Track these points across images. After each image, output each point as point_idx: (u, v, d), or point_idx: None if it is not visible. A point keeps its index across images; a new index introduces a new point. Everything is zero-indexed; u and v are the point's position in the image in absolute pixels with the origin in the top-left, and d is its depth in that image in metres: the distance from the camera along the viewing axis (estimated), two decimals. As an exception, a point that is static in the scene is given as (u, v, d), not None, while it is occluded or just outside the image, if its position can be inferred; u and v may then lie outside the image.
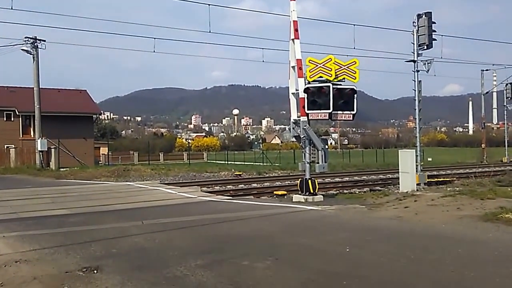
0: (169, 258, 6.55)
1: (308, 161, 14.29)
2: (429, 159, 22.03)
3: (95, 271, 5.88)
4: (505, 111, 43.37)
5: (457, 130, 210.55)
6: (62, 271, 5.91)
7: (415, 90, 17.20)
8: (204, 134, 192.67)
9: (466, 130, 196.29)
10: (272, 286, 5.29)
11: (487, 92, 42.94)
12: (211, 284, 5.35)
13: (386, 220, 9.73)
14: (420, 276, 5.62)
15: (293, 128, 14.82)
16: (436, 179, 20.39)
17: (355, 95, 13.65)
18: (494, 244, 7.27)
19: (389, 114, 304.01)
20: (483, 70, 42.08)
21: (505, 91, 40.72)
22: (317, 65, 13.69)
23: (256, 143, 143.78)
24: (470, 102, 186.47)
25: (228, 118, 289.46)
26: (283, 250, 7.07)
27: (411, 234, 8.23)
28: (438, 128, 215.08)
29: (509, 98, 40.49)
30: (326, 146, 14.37)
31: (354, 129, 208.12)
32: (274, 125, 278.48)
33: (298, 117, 14.53)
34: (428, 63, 17.48)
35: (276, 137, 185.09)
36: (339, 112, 13.55)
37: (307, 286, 5.33)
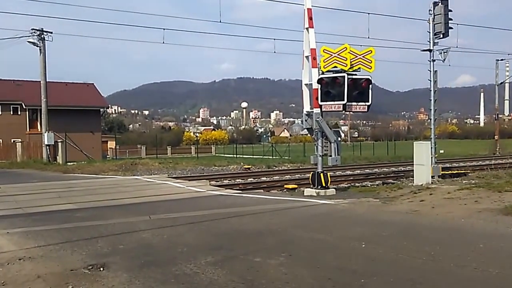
0: (178, 255, 6.35)
1: (321, 154, 13.98)
2: (441, 151, 21.71)
3: (101, 269, 5.70)
4: None
5: (468, 122, 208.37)
6: (67, 269, 5.72)
7: (430, 80, 16.71)
8: (212, 127, 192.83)
9: (477, 122, 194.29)
10: (286, 285, 5.02)
11: (501, 83, 41.96)
12: (222, 282, 5.13)
13: (402, 214, 9.42)
14: (442, 273, 5.32)
15: (305, 120, 14.47)
16: (450, 172, 19.95)
17: (370, 86, 13.25)
18: (516, 238, 6.98)
19: (400, 106, 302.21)
20: (497, 60, 40.86)
21: (519, 81, 39.95)
22: (331, 55, 13.31)
23: (264, 136, 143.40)
24: (482, 94, 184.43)
25: (237, 111, 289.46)
26: (296, 246, 6.82)
27: (429, 228, 7.92)
28: (449, 120, 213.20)
29: None
30: (339, 139, 14.02)
31: (364, 122, 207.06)
32: (283, 118, 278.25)
33: (311, 109, 14.19)
34: (444, 52, 17.00)
35: (285, 130, 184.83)
36: (353, 103, 13.13)
37: (324, 284, 5.05)
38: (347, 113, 14.83)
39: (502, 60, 40.74)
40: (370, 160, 35.64)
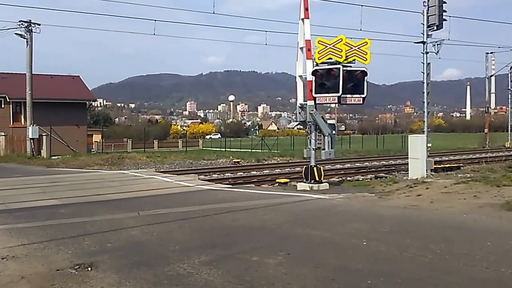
0: (170, 254, 6.04)
1: (314, 147, 13.67)
2: (429, 145, 21.50)
3: (89, 269, 5.42)
4: (510, 95, 42.41)
5: (454, 115, 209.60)
6: (52, 269, 5.42)
7: (423, 73, 16.44)
8: (199, 120, 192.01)
9: (463, 115, 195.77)
10: (288, 286, 4.73)
11: (491, 76, 41.87)
12: (219, 284, 4.83)
13: (400, 209, 9.17)
14: (452, 273, 5.05)
15: (299, 113, 14.12)
16: (442, 166, 19.82)
17: (366, 78, 12.98)
18: (524, 236, 6.74)
19: (386, 100, 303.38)
20: (487, 53, 40.72)
21: (509, 74, 39.96)
22: (326, 46, 12.99)
23: (252, 129, 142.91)
24: (468, 87, 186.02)
25: (224, 105, 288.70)
26: (294, 244, 6.53)
27: (431, 225, 7.66)
28: (434, 114, 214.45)
29: None
30: (333, 132, 13.73)
31: (351, 115, 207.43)
32: (270, 111, 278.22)
33: (304, 101, 13.87)
34: (438, 45, 16.79)
35: (272, 123, 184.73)
36: (348, 95, 12.85)
37: (328, 286, 4.77)
38: (333, 106, 14.59)
39: (492, 53, 40.62)
40: (360, 154, 35.48)
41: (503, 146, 42.16)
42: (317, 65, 13.28)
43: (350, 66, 12.98)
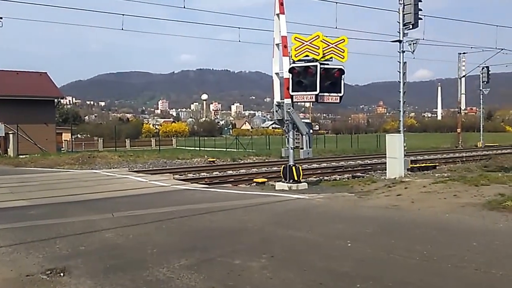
0: (148, 257, 5.77)
1: (292, 146, 13.48)
2: (404, 144, 21.61)
3: (62, 274, 5.14)
4: (481, 96, 42.93)
5: (425, 116, 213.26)
6: (22, 275, 5.15)
7: (400, 72, 16.46)
8: (171, 119, 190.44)
9: (435, 115, 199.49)
10: (275, 292, 4.52)
11: (463, 76, 42.45)
12: (201, 289, 4.57)
13: (381, 210, 9.06)
14: (442, 276, 4.92)
15: (276, 111, 13.89)
16: (418, 165, 19.93)
17: (343, 76, 12.86)
18: (509, 236, 6.71)
19: (359, 100, 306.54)
20: (459, 53, 41.35)
21: (481, 75, 40.58)
22: (303, 43, 12.80)
23: (226, 128, 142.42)
24: (439, 88, 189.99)
25: (197, 103, 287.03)
26: (277, 246, 6.32)
27: (414, 225, 7.54)
28: (407, 114, 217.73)
29: (485, 82, 40.47)
30: (311, 131, 13.56)
31: (324, 115, 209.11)
32: (243, 111, 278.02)
33: (281, 99, 13.64)
34: (413, 44, 16.83)
35: (246, 122, 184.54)
36: (325, 94, 12.71)
37: (316, 291, 4.56)
38: (307, 105, 14.50)
39: (464, 53, 40.94)
40: (335, 153, 35.45)
41: (475, 146, 42.88)
42: (294, 62, 13.09)
43: (327, 64, 12.84)
